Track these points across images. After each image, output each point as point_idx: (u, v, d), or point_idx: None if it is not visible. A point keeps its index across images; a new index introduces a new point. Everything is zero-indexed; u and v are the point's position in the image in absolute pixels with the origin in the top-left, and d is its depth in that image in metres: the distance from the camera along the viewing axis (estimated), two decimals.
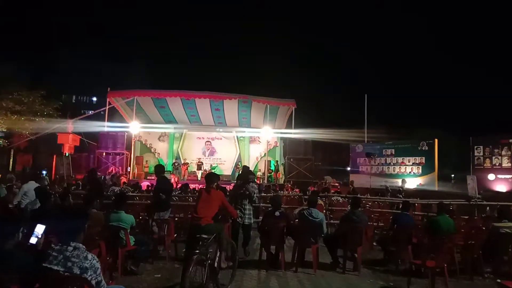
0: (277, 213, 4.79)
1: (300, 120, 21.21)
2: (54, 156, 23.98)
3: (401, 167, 15.00)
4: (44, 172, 26.39)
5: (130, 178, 20.34)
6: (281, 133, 22.24)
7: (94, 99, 56.68)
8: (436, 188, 13.75)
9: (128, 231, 4.55)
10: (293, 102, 20.35)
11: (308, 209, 4.89)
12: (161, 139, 24.14)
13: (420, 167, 14.45)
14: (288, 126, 21.75)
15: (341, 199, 10.13)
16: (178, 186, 14.60)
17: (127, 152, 20.62)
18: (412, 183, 14.51)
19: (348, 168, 35.44)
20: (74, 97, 61.33)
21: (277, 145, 23.77)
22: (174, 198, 8.68)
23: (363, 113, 19.68)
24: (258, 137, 23.83)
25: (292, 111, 20.56)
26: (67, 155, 19.94)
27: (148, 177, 21.44)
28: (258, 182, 17.66)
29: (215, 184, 4.68)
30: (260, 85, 43.03)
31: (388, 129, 21.01)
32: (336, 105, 45.24)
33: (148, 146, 23.96)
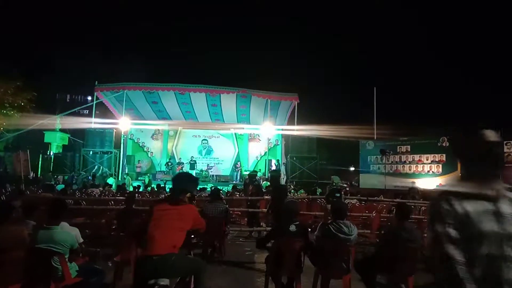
0: (292, 228, 3.23)
1: (304, 116, 19.78)
2: (40, 156, 22.53)
3: (418, 165, 13.45)
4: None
5: (119, 179, 18.87)
6: (283, 130, 20.73)
7: (89, 98, 55.19)
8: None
9: (67, 256, 3.01)
10: (296, 96, 18.99)
11: (336, 221, 3.34)
12: (154, 137, 22.62)
13: (440, 165, 12.90)
14: (291, 122, 20.31)
15: (357, 203, 8.60)
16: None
17: (117, 151, 19.07)
18: (431, 183, 12.97)
19: (352, 168, 34.04)
20: (68, 96, 59.97)
21: (278, 143, 22.28)
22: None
23: (371, 108, 18.18)
24: (258, 135, 22.41)
25: (295, 106, 19.15)
26: (48, 153, 18.38)
27: (139, 178, 19.93)
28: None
29: (188, 194, 2.96)
30: (261, 79, 41.19)
31: (398, 126, 19.44)
32: (342, 100, 43.19)
33: (140, 144, 22.42)
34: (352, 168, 33.18)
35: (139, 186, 12.54)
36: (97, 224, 6.06)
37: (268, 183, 18.51)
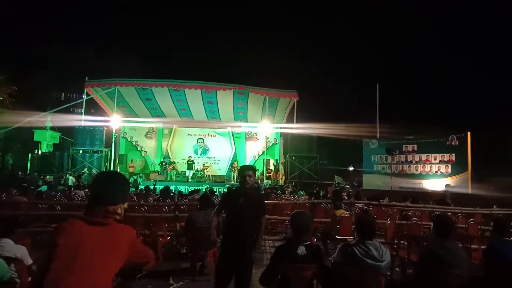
0: (301, 250, 2.45)
1: (303, 114, 19.03)
2: (29, 155, 21.66)
3: (426, 165, 12.71)
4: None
5: None
6: (282, 128, 19.95)
7: (84, 96, 54.14)
8: (470, 191, 11.47)
9: None
10: (295, 93, 18.25)
11: (363, 242, 2.55)
12: (148, 136, 21.78)
13: (449, 165, 12.16)
14: (289, 120, 19.55)
15: (364, 207, 7.81)
16: None
17: (107, 150, 18.24)
18: (439, 184, 12.24)
19: (351, 168, 33.26)
20: (62, 94, 58.96)
21: (276, 142, 21.52)
22: (142, 209, 6.33)
23: (373, 105, 17.44)
24: (256, 133, 21.65)
25: (294, 104, 18.39)
26: (35, 152, 17.55)
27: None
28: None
29: (119, 207, 1.67)
30: (258, 75, 40.00)
31: (401, 124, 18.72)
32: (343, 97, 41.78)
33: (133, 143, 21.58)
34: (351, 168, 32.46)
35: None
36: None
37: (269, 182, 17.76)
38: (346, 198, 8.53)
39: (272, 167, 19.56)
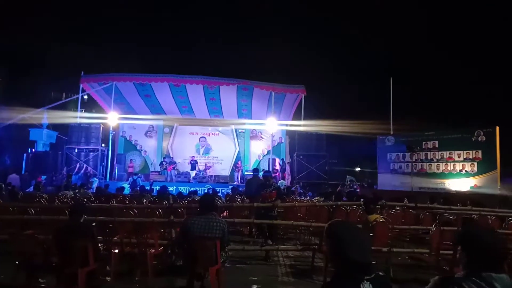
0: None
1: (311, 111, 18.01)
2: (24, 155, 20.83)
3: (448, 164, 11.62)
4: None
5: (109, 179, 17.11)
6: (289, 125, 18.91)
7: (86, 97, 53.19)
8: (498, 192, 10.39)
9: None
10: (303, 88, 17.22)
11: (479, 276, 1.37)
12: (148, 134, 20.83)
13: (475, 163, 11.07)
14: (296, 117, 18.51)
15: (397, 208, 6.79)
16: None
17: (104, 148, 17.30)
18: (464, 184, 11.17)
19: (358, 169, 32.04)
20: (64, 95, 58.24)
21: (282, 141, 20.50)
22: (131, 212, 5.30)
23: (386, 100, 16.37)
24: (260, 132, 20.64)
25: (301, 100, 17.36)
26: (28, 151, 16.68)
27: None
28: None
29: None
30: (264, 70, 38.28)
31: (417, 119, 17.63)
32: (354, 92, 39.28)
33: (133, 142, 20.64)
34: (358, 169, 31.27)
35: (123, 188, 10.73)
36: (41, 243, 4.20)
37: (284, 182, 16.57)
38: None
39: (278, 167, 18.54)
